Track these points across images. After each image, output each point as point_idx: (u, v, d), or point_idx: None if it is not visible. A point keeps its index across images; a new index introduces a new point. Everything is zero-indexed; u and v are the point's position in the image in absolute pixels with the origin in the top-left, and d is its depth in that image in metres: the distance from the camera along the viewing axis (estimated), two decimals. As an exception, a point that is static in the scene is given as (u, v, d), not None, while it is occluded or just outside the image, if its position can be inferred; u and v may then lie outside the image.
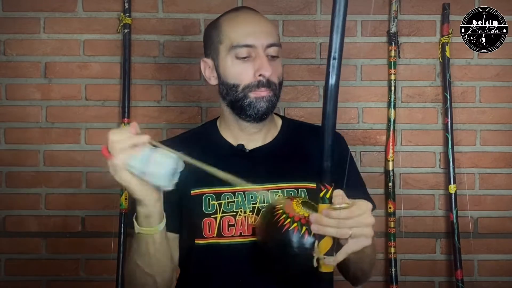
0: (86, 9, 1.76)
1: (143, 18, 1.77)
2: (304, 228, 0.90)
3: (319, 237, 0.82)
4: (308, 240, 0.89)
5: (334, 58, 0.77)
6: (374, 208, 1.18)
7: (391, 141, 1.74)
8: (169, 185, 0.84)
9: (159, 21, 1.77)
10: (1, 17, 1.75)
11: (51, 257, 1.76)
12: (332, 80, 0.78)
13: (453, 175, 1.73)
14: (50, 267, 1.75)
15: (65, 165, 1.76)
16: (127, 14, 1.73)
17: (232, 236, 1.04)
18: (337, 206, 0.79)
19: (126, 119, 1.72)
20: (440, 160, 1.78)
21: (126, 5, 1.72)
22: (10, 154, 1.76)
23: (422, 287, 1.78)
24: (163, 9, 1.77)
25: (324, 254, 0.81)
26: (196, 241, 1.05)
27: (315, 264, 0.82)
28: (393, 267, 1.71)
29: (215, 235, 1.04)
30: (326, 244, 0.81)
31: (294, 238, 0.90)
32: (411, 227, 1.77)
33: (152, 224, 0.91)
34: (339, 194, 0.81)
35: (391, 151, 1.74)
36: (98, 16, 1.76)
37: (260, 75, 1.04)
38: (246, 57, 1.05)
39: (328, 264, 0.81)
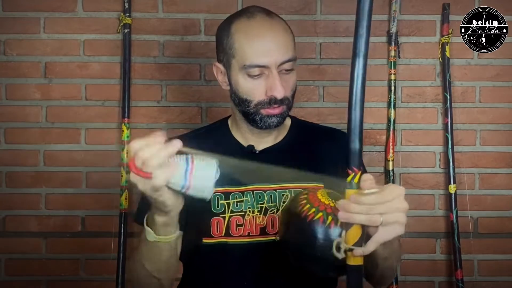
0: (86, 9, 1.76)
1: (143, 18, 1.77)
2: (330, 217, 0.83)
3: (347, 226, 0.75)
4: (334, 230, 0.82)
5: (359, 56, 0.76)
6: None
7: (391, 141, 1.74)
8: (211, 194, 0.80)
9: (159, 21, 1.77)
10: (1, 17, 1.75)
11: (51, 257, 1.76)
12: (358, 68, 0.75)
13: (453, 175, 1.73)
14: (50, 267, 1.75)
15: (65, 165, 1.76)
16: (127, 14, 1.73)
17: (240, 236, 1.04)
18: (367, 191, 0.73)
19: (126, 119, 1.72)
20: (440, 160, 1.78)
21: (126, 5, 1.72)
22: (10, 154, 1.76)
23: (422, 287, 1.78)
24: (163, 9, 1.77)
25: (353, 245, 0.74)
26: (204, 240, 1.05)
27: (342, 255, 0.75)
28: (393, 267, 1.71)
29: (223, 235, 1.04)
30: (354, 233, 0.74)
31: (319, 228, 0.83)
32: (411, 227, 1.77)
33: (170, 233, 0.90)
34: (368, 178, 0.74)
35: (391, 151, 1.74)
36: (98, 16, 1.76)
37: (272, 95, 1.02)
38: (258, 75, 1.02)
39: (357, 255, 0.74)
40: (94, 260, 1.75)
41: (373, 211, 0.72)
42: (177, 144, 0.77)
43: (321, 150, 1.13)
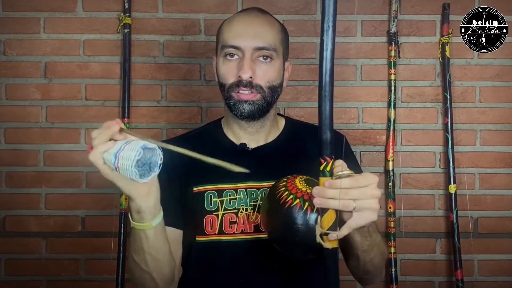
0: (86, 9, 1.76)
1: (143, 18, 1.77)
2: (306, 204, 0.86)
3: (322, 211, 0.78)
4: (311, 216, 0.85)
5: (328, 26, 0.76)
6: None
7: (391, 141, 1.74)
8: (141, 178, 0.80)
9: (159, 21, 1.77)
10: (1, 17, 1.75)
11: (51, 257, 1.76)
12: (327, 49, 0.76)
13: (453, 175, 1.73)
14: (50, 267, 1.75)
15: (65, 165, 1.76)
16: (127, 14, 1.73)
17: (234, 233, 1.05)
18: (340, 173, 0.76)
19: (126, 119, 1.72)
20: (440, 160, 1.78)
21: (126, 5, 1.73)
22: (10, 154, 1.76)
23: (422, 287, 1.78)
24: (163, 9, 1.77)
25: (327, 229, 0.78)
26: (197, 238, 1.06)
27: (318, 239, 0.80)
28: (393, 267, 1.71)
29: (216, 232, 1.05)
30: (329, 218, 0.78)
31: (297, 214, 0.86)
32: (411, 227, 1.77)
33: (145, 220, 0.89)
34: (340, 164, 0.77)
35: (391, 151, 1.74)
36: (98, 16, 1.76)
37: (240, 76, 1.05)
38: (233, 57, 1.06)
39: (332, 239, 0.78)
40: (94, 260, 1.75)
41: (346, 196, 0.76)
42: (116, 126, 0.82)
43: (314, 149, 1.13)
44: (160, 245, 0.95)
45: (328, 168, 0.77)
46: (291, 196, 0.88)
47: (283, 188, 0.91)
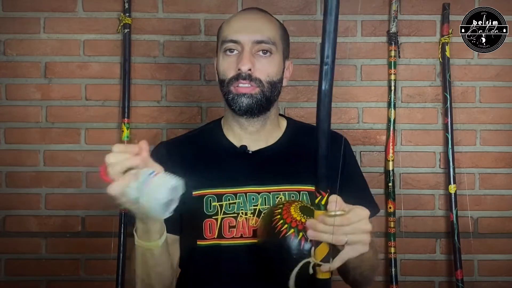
0: (86, 9, 1.76)
1: (143, 18, 1.77)
2: (300, 234, 0.89)
3: (316, 243, 0.81)
4: (304, 246, 0.88)
5: (326, 64, 0.75)
6: (378, 211, 1.18)
7: (391, 141, 1.74)
8: (163, 215, 0.79)
9: (159, 21, 1.77)
10: (1, 17, 1.75)
11: (51, 257, 1.76)
12: (324, 86, 0.75)
13: (453, 175, 1.73)
14: (50, 267, 1.75)
15: (65, 165, 1.76)
16: (127, 14, 1.73)
17: (233, 237, 1.04)
18: (333, 212, 0.78)
19: (126, 119, 1.71)
20: (440, 160, 1.78)
21: (126, 5, 1.73)
22: (10, 154, 1.76)
23: (422, 287, 1.78)
24: (163, 9, 1.77)
25: (321, 261, 0.80)
26: (197, 242, 1.05)
27: (311, 271, 0.81)
28: (393, 267, 1.71)
29: (216, 237, 1.04)
30: (322, 250, 0.80)
31: (291, 244, 0.89)
32: (411, 227, 1.77)
33: (151, 239, 0.90)
34: (334, 200, 0.79)
35: (391, 151, 1.74)
36: (98, 16, 1.76)
37: (239, 69, 1.05)
38: (233, 52, 1.07)
39: (324, 271, 0.80)
40: (94, 260, 1.75)
41: (339, 232, 0.78)
42: (137, 161, 0.77)
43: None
44: (164, 260, 0.96)
45: (323, 202, 0.79)
46: (286, 225, 0.91)
47: (279, 216, 0.93)
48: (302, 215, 0.92)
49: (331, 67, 0.75)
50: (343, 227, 0.78)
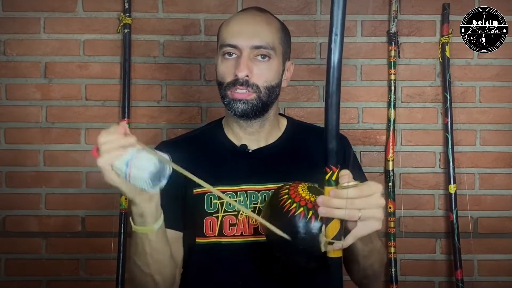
0: (86, 9, 1.76)
1: (143, 18, 1.77)
2: (310, 212, 0.85)
3: (327, 220, 0.78)
4: (315, 224, 0.84)
5: (336, 34, 0.75)
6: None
7: (391, 141, 1.74)
8: (152, 189, 0.81)
9: (159, 21, 1.77)
10: (1, 17, 1.75)
11: (51, 257, 1.76)
12: (335, 57, 0.75)
13: (453, 175, 1.73)
14: (50, 267, 1.75)
15: (65, 165, 1.76)
16: (127, 14, 1.73)
17: (233, 235, 1.05)
18: (345, 184, 0.75)
19: (126, 119, 1.72)
20: (440, 160, 1.78)
21: (126, 5, 1.73)
22: (10, 154, 1.76)
23: (422, 287, 1.78)
24: (163, 9, 1.77)
25: (332, 238, 0.77)
26: (197, 240, 1.06)
27: (323, 249, 0.79)
28: (393, 267, 1.71)
29: (216, 234, 1.05)
30: (334, 227, 0.77)
31: (301, 223, 0.85)
32: (411, 227, 1.77)
33: (147, 223, 0.90)
34: (346, 174, 0.77)
35: (391, 151, 1.74)
36: (98, 16, 1.76)
37: (236, 74, 1.05)
38: (231, 56, 1.06)
39: (337, 249, 0.78)
40: (94, 260, 1.75)
41: (352, 206, 0.75)
42: (131, 138, 0.80)
43: (316, 151, 1.13)
44: (162, 248, 0.96)
45: (333, 178, 0.77)
46: (295, 204, 0.87)
47: (286, 196, 0.90)
48: (310, 194, 0.89)
49: (341, 40, 0.75)
50: (356, 201, 0.75)
